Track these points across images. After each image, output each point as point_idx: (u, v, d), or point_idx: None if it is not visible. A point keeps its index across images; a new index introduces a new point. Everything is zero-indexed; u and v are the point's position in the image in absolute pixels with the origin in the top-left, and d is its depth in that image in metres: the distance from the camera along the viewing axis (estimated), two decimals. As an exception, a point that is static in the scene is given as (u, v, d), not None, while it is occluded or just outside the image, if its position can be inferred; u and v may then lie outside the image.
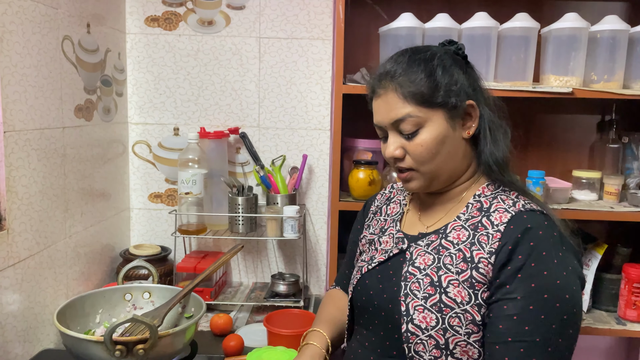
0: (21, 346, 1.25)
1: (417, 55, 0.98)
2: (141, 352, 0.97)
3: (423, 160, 0.97)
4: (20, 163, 1.22)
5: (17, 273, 1.22)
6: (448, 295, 0.91)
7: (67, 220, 1.43)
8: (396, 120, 0.96)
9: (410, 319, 0.93)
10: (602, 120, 1.75)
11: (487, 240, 0.92)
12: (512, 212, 0.93)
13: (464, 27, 1.53)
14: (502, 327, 0.87)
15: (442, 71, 0.96)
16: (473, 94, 0.98)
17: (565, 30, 1.50)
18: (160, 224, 1.88)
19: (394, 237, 1.06)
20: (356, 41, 1.76)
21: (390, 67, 0.98)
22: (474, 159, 1.02)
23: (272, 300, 1.66)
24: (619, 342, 1.93)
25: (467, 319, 0.90)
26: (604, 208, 1.55)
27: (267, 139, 1.84)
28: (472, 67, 1.03)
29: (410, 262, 0.99)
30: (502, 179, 1.00)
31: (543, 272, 0.87)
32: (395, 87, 0.96)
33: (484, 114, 0.99)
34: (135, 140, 1.84)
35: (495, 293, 0.90)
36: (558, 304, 0.86)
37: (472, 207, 0.99)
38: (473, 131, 0.99)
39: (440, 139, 0.95)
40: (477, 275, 0.91)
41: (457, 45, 1.02)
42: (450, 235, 0.97)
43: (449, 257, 0.94)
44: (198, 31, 1.79)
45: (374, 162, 1.60)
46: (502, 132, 1.01)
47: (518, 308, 0.86)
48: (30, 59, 1.24)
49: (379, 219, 1.15)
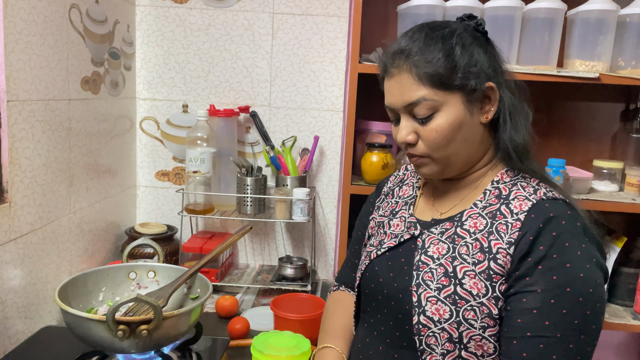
0: (22, 322, 1.22)
1: (434, 33, 0.90)
2: (144, 333, 0.93)
3: (437, 147, 0.90)
4: (23, 134, 1.17)
5: (19, 248, 1.19)
6: (463, 287, 0.86)
7: (71, 196, 1.39)
8: (410, 103, 0.89)
9: (422, 311, 0.88)
10: (627, 109, 1.69)
11: (506, 229, 0.87)
12: (533, 200, 0.87)
13: (487, 7, 1.46)
14: (521, 321, 0.82)
15: (461, 50, 0.88)
16: (493, 75, 0.91)
17: (593, 12, 1.43)
18: (167, 202, 1.85)
19: (406, 221, 1.01)
20: (373, 19, 1.70)
21: (405, 45, 0.90)
22: (492, 144, 0.95)
23: (279, 284, 1.63)
24: (633, 338, 1.89)
25: (483, 312, 0.85)
26: (625, 200, 1.50)
27: (278, 119, 1.79)
28: (492, 44, 0.95)
29: (422, 250, 0.93)
30: (521, 167, 0.93)
31: (565, 264, 0.81)
32: (410, 67, 0.89)
33: (504, 97, 0.92)
34: (143, 116, 1.80)
35: (514, 285, 0.84)
36: (581, 298, 0.80)
37: (489, 194, 0.93)
38: (492, 115, 0.91)
39: (457, 124, 0.89)
40: (495, 266, 0.85)
41: (477, 20, 0.94)
42: (467, 223, 0.92)
43: (465, 247, 0.89)
44: (210, 5, 1.73)
45: (388, 145, 1.56)
46: (524, 117, 0.93)
47: (538, 301, 0.81)
48: (35, 27, 1.19)
49: (390, 201, 1.10)
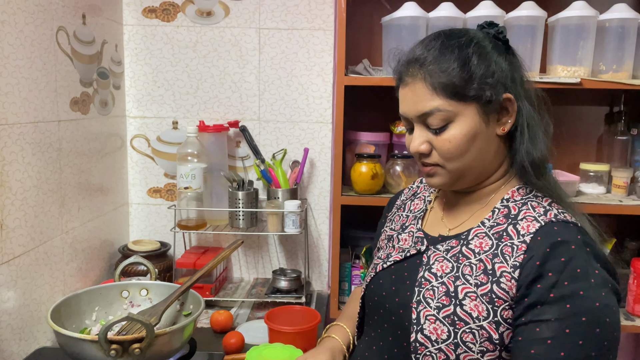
0: (16, 344, 1.22)
1: (451, 41, 0.88)
2: (137, 352, 0.94)
3: (450, 157, 0.88)
4: (13, 157, 1.19)
5: (12, 270, 1.19)
6: (463, 309, 0.84)
7: (63, 216, 1.40)
8: (423, 113, 0.87)
9: (420, 329, 0.87)
10: (611, 112, 1.72)
11: (511, 252, 0.84)
12: (542, 222, 0.84)
13: (468, 17, 1.49)
14: (535, 352, 0.78)
15: (477, 60, 0.86)
16: (512, 85, 0.88)
17: (573, 19, 1.46)
18: (160, 219, 1.85)
19: (414, 236, 1.00)
20: (358, 32, 1.72)
21: (420, 53, 0.88)
22: (507, 157, 0.93)
23: (273, 297, 1.64)
24: (627, 338, 1.90)
25: (482, 336, 0.82)
26: (612, 201, 1.52)
27: (267, 133, 1.80)
28: (514, 53, 0.92)
29: (427, 267, 0.92)
30: (536, 183, 0.90)
31: (579, 291, 0.78)
32: (424, 76, 0.86)
33: (522, 109, 0.88)
34: (133, 134, 1.81)
35: (524, 314, 0.81)
36: (598, 329, 0.77)
37: (498, 212, 0.91)
38: (509, 127, 0.89)
39: (471, 136, 0.86)
40: (498, 290, 0.83)
41: (498, 28, 0.91)
42: (472, 242, 0.89)
43: (469, 267, 0.87)
44: (196, 22, 1.75)
45: (376, 155, 1.57)
46: (542, 130, 0.90)
47: (552, 331, 0.78)
48: (23, 50, 1.21)
49: (401, 215, 1.09)
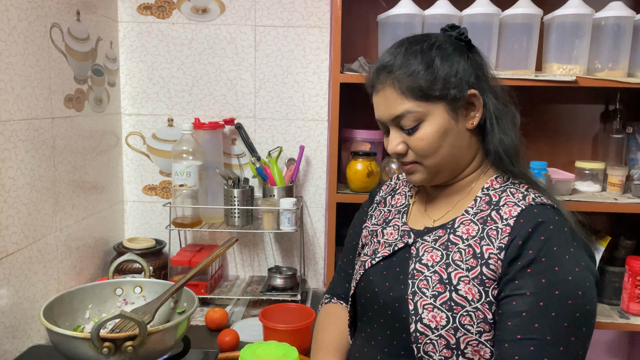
0: (10, 342, 1.22)
1: (414, 46, 0.94)
2: (130, 349, 0.93)
3: (425, 154, 0.94)
4: (6, 154, 1.18)
5: (5, 268, 1.19)
6: (459, 293, 0.88)
7: (57, 213, 1.40)
8: (396, 116, 0.93)
9: (419, 318, 0.89)
10: (606, 110, 1.72)
11: (496, 234, 0.89)
12: (522, 206, 0.89)
13: (464, 14, 1.48)
14: (511, 324, 0.83)
15: (440, 61, 0.91)
16: (475, 82, 0.94)
17: (568, 17, 1.46)
18: (155, 216, 1.85)
19: (399, 230, 1.02)
20: (354, 29, 1.72)
21: (387, 61, 0.94)
22: (480, 149, 0.98)
23: (268, 294, 1.63)
24: (622, 336, 1.90)
25: (478, 318, 0.86)
26: (607, 199, 1.52)
27: (263, 130, 1.80)
28: (476, 52, 0.98)
29: (417, 258, 0.95)
30: (512, 170, 0.96)
31: (554, 267, 0.83)
32: (393, 82, 0.93)
33: (488, 103, 0.95)
34: (128, 131, 1.81)
35: (504, 289, 0.86)
36: (570, 300, 0.82)
37: (480, 200, 0.95)
38: (477, 121, 0.95)
39: (442, 132, 0.92)
40: (487, 271, 0.87)
41: (459, 29, 0.97)
42: (459, 229, 0.94)
43: (458, 253, 0.91)
44: (192, 19, 1.75)
45: (372, 153, 1.57)
46: (510, 120, 0.96)
47: (527, 304, 0.83)
48: (16, 47, 1.20)
49: (383, 210, 1.11)
